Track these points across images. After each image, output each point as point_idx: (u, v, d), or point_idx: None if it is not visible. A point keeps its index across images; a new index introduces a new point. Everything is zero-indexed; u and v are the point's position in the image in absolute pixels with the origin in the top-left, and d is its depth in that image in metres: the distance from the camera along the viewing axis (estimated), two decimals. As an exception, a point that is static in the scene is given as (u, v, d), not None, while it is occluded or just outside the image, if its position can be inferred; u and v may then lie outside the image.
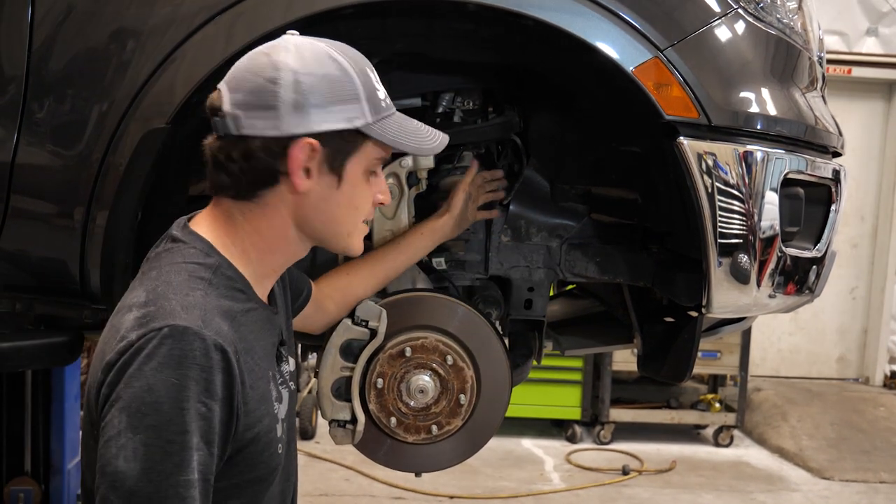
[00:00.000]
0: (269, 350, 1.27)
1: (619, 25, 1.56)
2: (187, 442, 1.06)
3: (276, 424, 1.23)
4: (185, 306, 1.11)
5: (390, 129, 1.25)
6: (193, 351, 1.08)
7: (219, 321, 1.13)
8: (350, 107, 1.20)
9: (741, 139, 1.63)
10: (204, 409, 1.08)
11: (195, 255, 1.20)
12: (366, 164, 1.25)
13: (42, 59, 1.57)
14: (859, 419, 6.01)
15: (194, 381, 1.07)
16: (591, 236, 2.05)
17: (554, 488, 4.89)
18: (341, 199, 1.25)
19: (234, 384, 1.11)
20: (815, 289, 1.81)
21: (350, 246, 1.31)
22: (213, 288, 1.17)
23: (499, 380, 1.86)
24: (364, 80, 1.22)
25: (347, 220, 1.28)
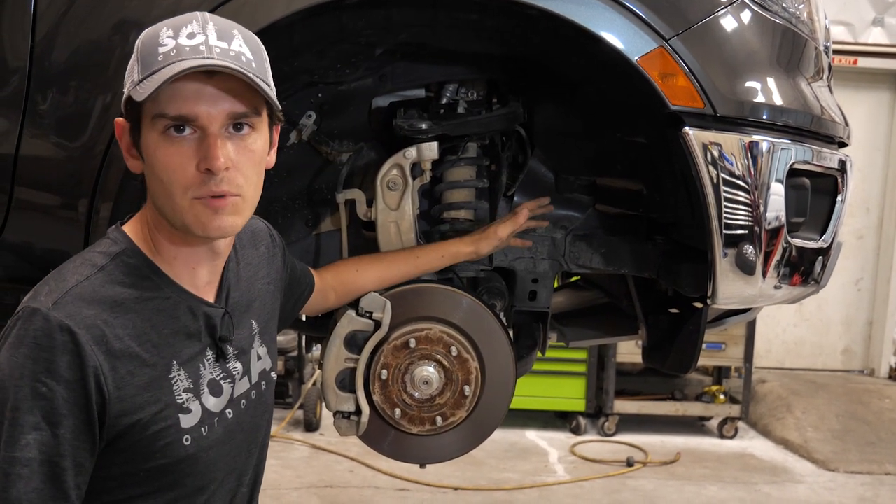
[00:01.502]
0: (177, 339, 1.22)
1: (623, 15, 1.55)
2: (18, 419, 1.07)
3: (178, 414, 1.20)
4: (50, 290, 1.13)
5: (147, 83, 1.11)
6: (36, 331, 1.09)
7: (80, 304, 1.12)
8: (130, 74, 1.17)
9: (747, 129, 1.62)
10: (44, 389, 1.08)
11: (103, 245, 1.22)
12: (153, 129, 1.14)
13: (45, 50, 1.57)
14: (864, 411, 6.00)
15: (32, 360, 1.08)
16: (595, 227, 2.04)
17: (558, 480, 4.89)
18: (148, 173, 1.19)
19: (86, 367, 1.09)
20: (821, 280, 1.80)
21: (186, 224, 1.17)
22: (102, 273, 1.17)
23: (503, 371, 1.86)
24: (150, 41, 1.15)
25: (162, 194, 1.17)
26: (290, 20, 1.53)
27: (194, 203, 1.15)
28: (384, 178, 1.85)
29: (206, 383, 1.26)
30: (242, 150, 1.17)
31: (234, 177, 1.16)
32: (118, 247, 1.21)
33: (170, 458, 1.20)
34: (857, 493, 4.89)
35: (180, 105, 1.12)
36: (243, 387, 1.34)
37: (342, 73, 1.86)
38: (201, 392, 1.25)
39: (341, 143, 1.97)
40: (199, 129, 1.14)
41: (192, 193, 1.15)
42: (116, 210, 1.58)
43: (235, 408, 1.31)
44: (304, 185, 2.00)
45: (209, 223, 1.17)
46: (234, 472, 1.33)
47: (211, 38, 1.14)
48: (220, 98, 1.14)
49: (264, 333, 1.42)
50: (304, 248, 2.01)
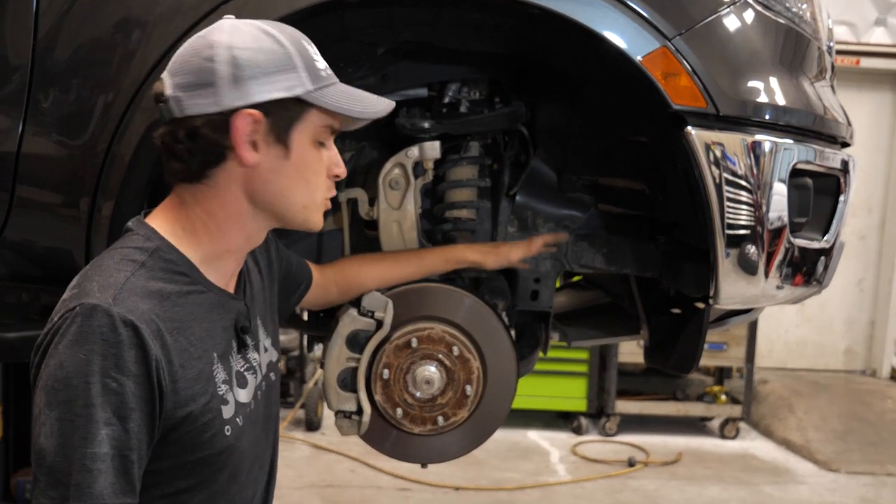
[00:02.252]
0: (215, 332, 1.26)
1: (626, 14, 1.55)
2: (93, 415, 1.08)
3: (220, 406, 1.23)
4: (102, 286, 1.14)
5: (332, 96, 1.24)
6: (101, 327, 1.10)
7: (136, 299, 1.14)
8: (288, 76, 1.21)
9: (749, 129, 1.62)
10: (114, 385, 1.09)
11: (135, 241, 1.23)
12: (312, 134, 1.25)
13: (47, 48, 1.57)
14: (866, 411, 6.00)
15: (100, 355, 1.09)
16: (598, 227, 2.04)
17: (560, 480, 4.89)
18: (290, 171, 1.25)
19: (150, 360, 1.12)
20: (823, 280, 1.80)
21: (308, 220, 1.30)
22: (144, 269, 1.18)
23: (505, 371, 1.86)
24: (300, 50, 1.23)
25: (299, 192, 1.27)
26: (293, 19, 1.52)
27: (320, 203, 1.30)
28: (386, 177, 1.85)
29: (235, 375, 1.29)
30: None
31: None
32: (153, 243, 1.22)
33: (214, 450, 1.22)
34: (858, 494, 4.89)
35: (342, 122, 1.30)
36: (259, 378, 1.38)
37: (344, 72, 1.85)
38: (233, 384, 1.28)
39: (343, 142, 1.96)
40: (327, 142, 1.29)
41: (325, 195, 1.30)
42: (118, 208, 1.58)
43: (255, 399, 1.35)
44: (306, 184, 2.00)
45: (322, 222, 1.33)
46: (257, 461, 1.38)
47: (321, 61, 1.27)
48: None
49: (268, 325, 1.46)
50: (306, 247, 2.01)
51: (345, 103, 1.25)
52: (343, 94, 1.26)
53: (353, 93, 1.28)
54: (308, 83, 1.22)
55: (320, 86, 1.23)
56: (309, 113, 1.24)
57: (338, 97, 1.25)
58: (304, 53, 1.23)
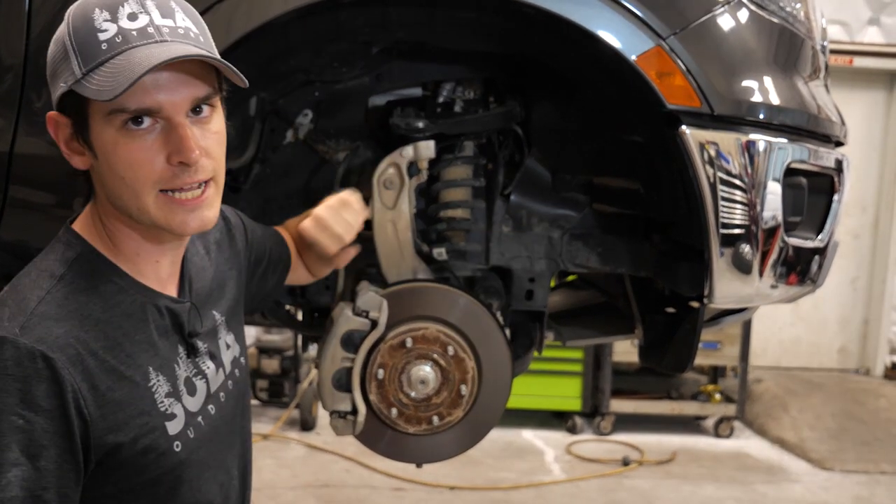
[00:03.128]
0: (151, 343, 1.16)
1: (621, 14, 1.55)
2: (0, 457, 0.99)
3: (164, 423, 1.15)
4: (12, 314, 1.05)
5: (100, 77, 1.03)
6: (6, 361, 1.01)
7: (49, 324, 1.04)
8: (64, 66, 1.07)
9: (744, 128, 1.62)
10: (21, 422, 1.00)
11: (57, 250, 1.14)
12: (109, 125, 1.07)
13: (41, 47, 1.56)
14: (860, 410, 6.01)
15: (6, 392, 1.00)
16: (592, 226, 2.04)
17: (554, 479, 4.89)
18: (104, 170, 1.10)
19: (65, 392, 1.02)
20: (817, 279, 1.80)
21: (160, 223, 1.11)
22: (63, 284, 1.09)
23: (500, 371, 1.86)
24: (81, 25, 1.06)
25: (124, 192, 1.10)
26: (287, 18, 1.52)
27: (162, 200, 1.10)
28: (381, 177, 1.85)
29: (182, 383, 1.20)
30: (208, 134, 1.12)
31: (206, 164, 1.11)
32: (73, 251, 1.13)
33: (163, 468, 1.15)
34: (852, 493, 4.90)
35: (140, 97, 1.05)
36: (219, 379, 1.29)
37: (339, 72, 1.86)
38: (180, 394, 1.19)
39: (338, 141, 1.96)
40: (162, 120, 1.07)
41: (161, 186, 1.09)
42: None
43: (216, 402, 1.27)
44: (300, 184, 2.00)
45: (188, 222, 1.12)
46: (222, 466, 1.30)
47: (155, 17, 1.07)
48: (179, 84, 1.07)
49: (230, 320, 1.37)
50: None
51: (103, 83, 1.03)
52: (114, 67, 1.03)
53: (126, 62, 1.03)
54: (77, 68, 1.05)
55: (92, 65, 1.04)
56: (92, 103, 1.06)
57: (104, 76, 1.03)
58: (82, 29, 1.06)
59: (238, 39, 1.50)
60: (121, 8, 1.06)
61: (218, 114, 1.15)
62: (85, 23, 1.06)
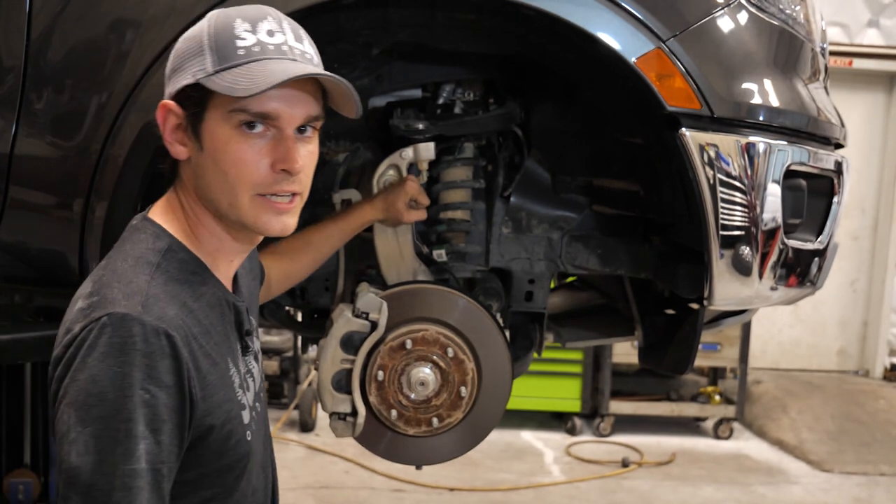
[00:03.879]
0: (227, 336, 1.22)
1: (621, 16, 1.55)
2: (132, 430, 1.03)
3: (241, 411, 1.20)
4: (126, 293, 1.08)
5: (232, 76, 1.10)
6: (133, 337, 1.05)
7: (163, 305, 1.09)
8: (195, 61, 1.13)
9: (744, 130, 1.62)
10: (147, 396, 1.04)
11: (145, 240, 1.17)
12: (227, 121, 1.13)
13: (41, 49, 1.57)
14: (859, 412, 6.01)
15: (136, 367, 1.04)
16: (592, 228, 2.04)
17: (554, 480, 4.89)
18: (207, 163, 1.15)
19: (183, 369, 1.07)
20: (817, 281, 1.80)
21: (246, 222, 1.17)
22: (160, 272, 1.13)
23: (500, 372, 1.86)
24: (221, 30, 1.13)
25: (219, 188, 1.15)
26: (288, 19, 1.52)
27: (256, 201, 1.15)
28: (381, 178, 1.85)
29: (243, 378, 1.25)
30: (307, 153, 1.18)
31: (302, 178, 1.18)
32: (163, 241, 1.17)
33: (237, 455, 1.19)
34: (851, 494, 4.90)
35: (263, 102, 1.12)
36: (259, 379, 1.35)
37: (339, 73, 1.85)
38: (246, 387, 1.25)
39: (338, 142, 1.96)
40: (274, 129, 1.14)
41: (258, 190, 1.15)
42: (112, 210, 1.58)
43: (259, 400, 1.33)
44: (300, 185, 2.00)
45: (272, 223, 1.18)
46: (264, 462, 1.36)
47: (289, 39, 1.16)
48: (298, 100, 1.15)
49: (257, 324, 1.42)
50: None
51: (237, 82, 1.10)
52: (251, 71, 1.10)
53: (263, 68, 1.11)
54: (210, 65, 1.11)
55: (226, 66, 1.11)
56: (215, 98, 1.13)
57: (237, 76, 1.10)
58: (222, 33, 1.13)
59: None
60: (261, 23, 1.14)
61: (317, 137, 1.22)
62: (226, 28, 1.13)
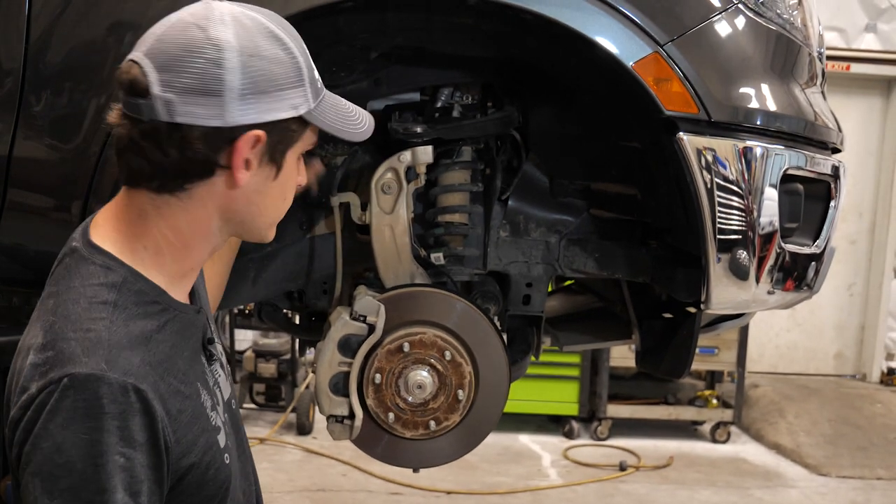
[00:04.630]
0: (193, 357, 1.17)
1: (618, 20, 1.56)
2: (108, 500, 0.97)
3: (216, 436, 1.15)
4: (85, 348, 1.00)
5: (329, 114, 1.16)
6: (100, 400, 0.97)
7: (127, 354, 1.01)
8: (295, 92, 1.10)
9: (741, 135, 1.62)
10: (123, 461, 0.98)
11: (95, 274, 1.07)
12: (300, 151, 1.17)
13: (39, 51, 1.57)
14: (856, 416, 6.02)
15: (107, 432, 0.97)
16: (590, 232, 2.04)
17: (551, 484, 4.89)
18: (275, 191, 1.15)
19: (157, 422, 1.01)
20: (814, 285, 1.81)
21: (267, 235, 1.22)
22: (119, 311, 1.05)
23: (497, 375, 1.86)
24: (305, 58, 1.13)
25: (276, 210, 1.19)
26: (286, 23, 1.52)
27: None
28: (379, 182, 1.85)
29: (212, 394, 1.20)
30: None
31: None
32: (117, 274, 1.08)
33: (219, 482, 1.15)
34: (848, 498, 4.90)
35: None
36: (228, 387, 1.30)
37: (337, 76, 1.86)
38: (216, 403, 1.20)
39: (336, 146, 1.96)
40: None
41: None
42: (110, 212, 1.58)
43: (229, 409, 1.28)
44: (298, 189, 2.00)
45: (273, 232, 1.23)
46: (246, 474, 1.31)
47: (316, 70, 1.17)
48: None
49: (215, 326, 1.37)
50: (298, 251, 2.01)
51: (340, 123, 1.17)
52: (335, 109, 1.18)
53: (341, 107, 1.20)
54: (311, 99, 1.12)
55: (318, 101, 1.14)
56: (305, 131, 1.15)
57: (333, 115, 1.17)
58: (307, 62, 1.13)
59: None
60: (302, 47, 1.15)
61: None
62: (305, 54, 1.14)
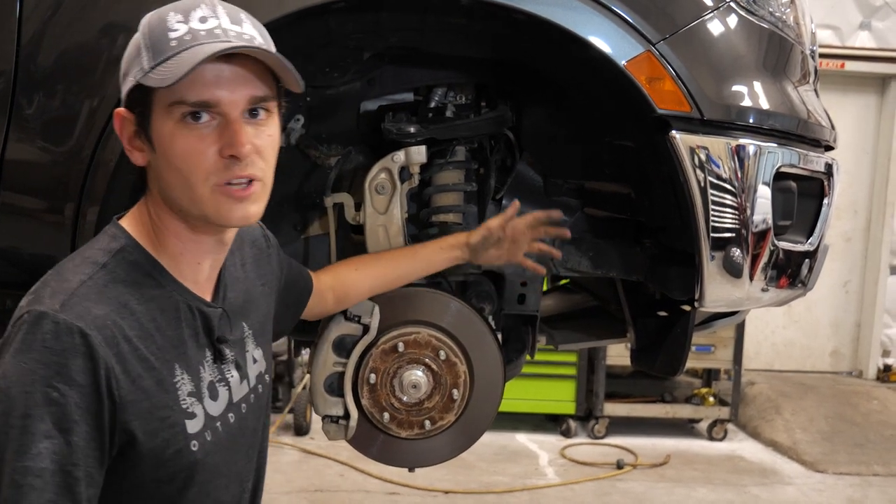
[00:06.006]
0: (181, 341, 1.19)
1: (610, 19, 1.56)
2: (29, 427, 1.02)
3: (185, 420, 1.17)
4: (54, 291, 1.09)
5: (165, 68, 1.08)
6: (45, 335, 1.04)
7: (90, 304, 1.08)
8: (135, 62, 1.13)
9: (733, 133, 1.63)
10: (56, 395, 1.03)
11: (101, 240, 1.18)
12: (169, 117, 1.12)
13: (31, 53, 1.56)
14: (853, 412, 6.03)
15: (43, 364, 1.03)
16: (584, 231, 2.05)
17: (548, 483, 4.89)
18: (162, 163, 1.14)
19: (99, 370, 1.05)
20: (808, 282, 1.81)
21: (209, 214, 1.15)
22: (104, 272, 1.13)
23: (492, 375, 1.86)
24: (158, 27, 1.12)
25: (179, 184, 1.14)
26: (279, 24, 1.52)
27: (216, 191, 1.13)
28: (372, 182, 1.85)
29: (206, 386, 1.22)
30: (262, 136, 1.16)
31: (256, 161, 1.15)
32: (118, 243, 1.17)
33: (178, 466, 1.16)
34: (845, 495, 4.91)
35: (200, 91, 1.10)
36: (243, 390, 1.32)
37: (330, 77, 1.86)
38: (203, 396, 1.21)
39: (330, 146, 1.96)
40: (219, 116, 1.12)
41: (214, 180, 1.13)
42: (103, 214, 1.58)
43: (237, 411, 1.29)
44: (292, 189, 2.00)
45: (233, 212, 1.15)
46: (237, 477, 1.31)
47: (224, 22, 1.13)
48: (240, 82, 1.12)
49: (259, 336, 1.39)
50: (293, 252, 2.00)
51: (166, 73, 1.08)
52: (181, 60, 1.08)
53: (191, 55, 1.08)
54: (147, 63, 1.10)
55: (161, 59, 1.09)
56: (156, 96, 1.12)
57: (168, 68, 1.08)
58: (156, 29, 1.12)
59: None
60: (193, 12, 1.13)
61: (274, 120, 1.19)
62: (159, 24, 1.13)
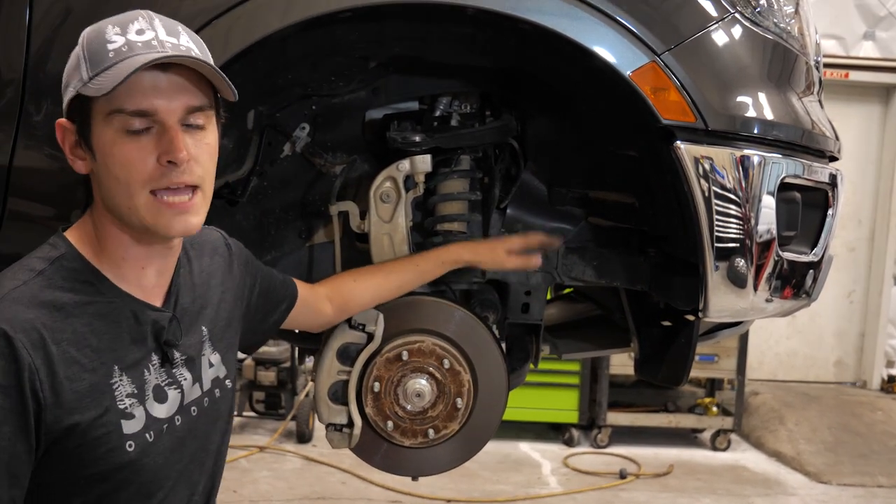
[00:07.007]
0: (121, 345, 1.21)
1: (616, 30, 1.56)
2: None
3: (120, 420, 1.19)
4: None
5: (102, 79, 1.12)
6: None
7: (18, 309, 1.11)
8: (75, 73, 1.17)
9: (738, 143, 1.63)
10: None
11: (42, 250, 1.21)
12: (109, 125, 1.15)
13: (40, 61, 1.57)
14: (857, 423, 6.01)
15: None
16: (588, 240, 2.05)
17: (551, 492, 4.88)
18: (102, 171, 1.18)
19: (22, 372, 1.08)
20: (812, 293, 1.81)
21: (147, 224, 1.18)
22: (41, 278, 1.16)
23: (496, 384, 1.86)
24: (96, 39, 1.16)
25: (118, 192, 1.17)
26: (284, 33, 1.53)
27: (153, 201, 1.17)
28: (377, 191, 1.86)
29: (150, 389, 1.24)
30: (200, 144, 1.20)
31: (194, 168, 1.18)
32: (57, 251, 1.20)
33: (111, 465, 1.18)
34: (849, 506, 4.90)
35: (138, 100, 1.14)
36: (194, 393, 1.33)
37: (336, 86, 1.87)
38: (146, 398, 1.23)
39: (335, 155, 1.97)
40: (156, 124, 1.16)
41: (152, 187, 1.16)
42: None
43: (185, 415, 1.30)
44: (297, 197, 2.01)
45: (173, 223, 1.19)
46: (185, 480, 1.32)
47: (160, 34, 1.17)
48: (176, 91, 1.16)
49: (218, 341, 1.40)
50: (297, 260, 2.01)
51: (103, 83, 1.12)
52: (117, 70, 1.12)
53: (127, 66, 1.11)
54: (85, 74, 1.14)
55: (99, 70, 1.13)
56: (95, 105, 1.16)
57: (105, 78, 1.12)
58: (94, 41, 1.16)
59: (236, 54, 1.50)
60: (131, 24, 1.17)
61: (212, 128, 1.23)
62: (98, 36, 1.17)
